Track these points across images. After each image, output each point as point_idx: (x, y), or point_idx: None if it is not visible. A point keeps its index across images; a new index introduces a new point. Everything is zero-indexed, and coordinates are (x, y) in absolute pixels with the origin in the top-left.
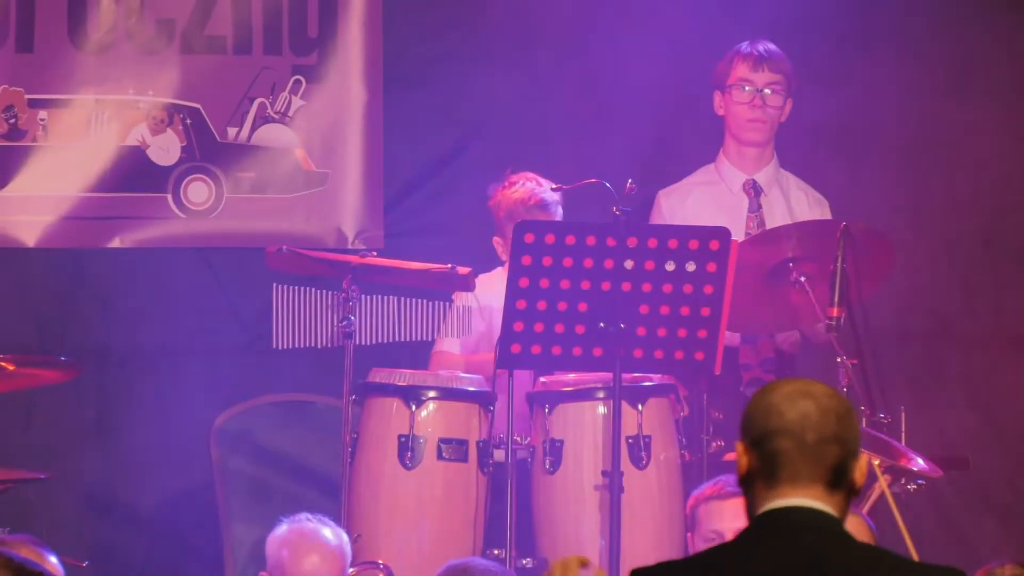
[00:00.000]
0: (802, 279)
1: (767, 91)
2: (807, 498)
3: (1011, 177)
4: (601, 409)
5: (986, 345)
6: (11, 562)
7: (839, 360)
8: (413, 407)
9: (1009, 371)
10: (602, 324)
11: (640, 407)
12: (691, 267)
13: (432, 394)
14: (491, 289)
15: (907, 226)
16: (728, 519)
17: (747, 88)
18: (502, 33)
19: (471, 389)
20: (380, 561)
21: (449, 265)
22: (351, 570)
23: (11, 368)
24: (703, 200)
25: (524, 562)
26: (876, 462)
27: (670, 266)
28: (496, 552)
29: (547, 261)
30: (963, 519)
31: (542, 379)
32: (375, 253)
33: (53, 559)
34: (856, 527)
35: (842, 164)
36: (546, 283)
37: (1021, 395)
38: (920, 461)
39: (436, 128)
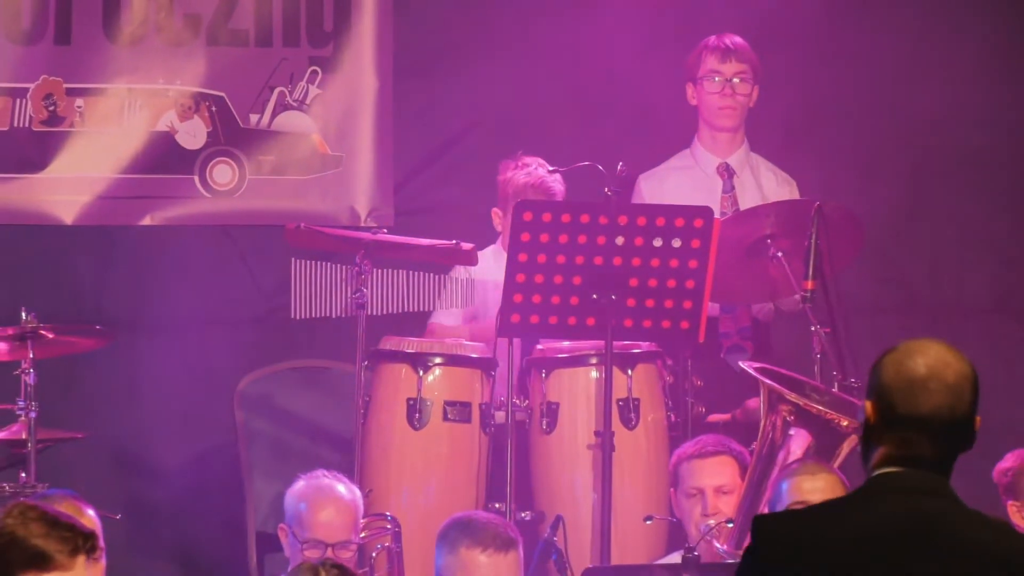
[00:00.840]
0: (779, 254)
1: (735, 80)
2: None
3: (971, 157)
4: (594, 374)
5: (948, 315)
6: (48, 515)
7: (813, 329)
8: (420, 372)
9: (968, 339)
10: (595, 296)
11: (630, 372)
12: (677, 243)
13: (438, 360)
14: (483, 264)
15: (875, 204)
16: (707, 476)
17: (717, 78)
18: (503, 28)
19: (474, 356)
20: (388, 514)
21: (454, 241)
22: (362, 522)
23: (51, 336)
24: (680, 183)
25: (523, 515)
26: (845, 423)
27: (657, 242)
28: (497, 506)
29: (544, 238)
30: None
31: (539, 346)
32: (385, 230)
33: (90, 512)
34: (831, 483)
35: (810, 145)
36: (543, 258)
37: (980, 362)
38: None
39: (442, 115)
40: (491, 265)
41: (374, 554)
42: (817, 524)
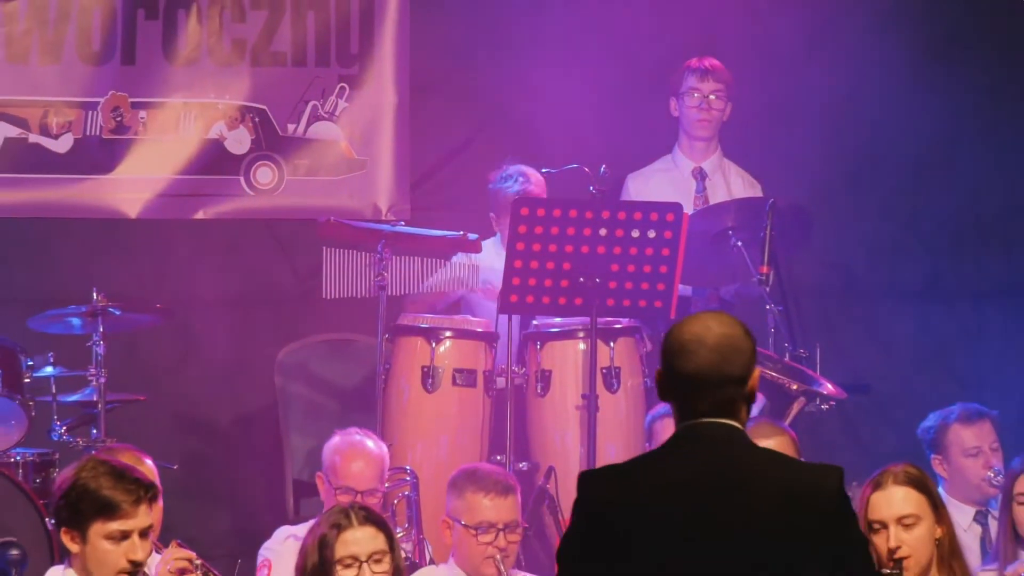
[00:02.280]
0: (738, 244)
1: (712, 96)
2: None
3: (906, 161)
4: (581, 346)
5: (883, 297)
6: (115, 469)
7: (768, 307)
8: (433, 344)
9: (902, 317)
10: (582, 279)
11: (612, 344)
12: (652, 234)
13: (448, 333)
14: (485, 253)
15: (822, 201)
16: None
17: (696, 95)
18: (503, 50)
19: (479, 330)
20: (407, 466)
21: (461, 232)
22: (387, 473)
23: (117, 313)
24: (661, 183)
25: (520, 466)
26: (795, 386)
27: (635, 233)
28: (498, 458)
29: (539, 230)
30: (866, 432)
31: (535, 322)
32: (403, 223)
33: (149, 462)
34: (782, 443)
35: (773, 151)
36: (538, 247)
37: (910, 335)
38: (830, 386)
39: (451, 125)
40: (491, 254)
41: (395, 501)
42: (631, 476)
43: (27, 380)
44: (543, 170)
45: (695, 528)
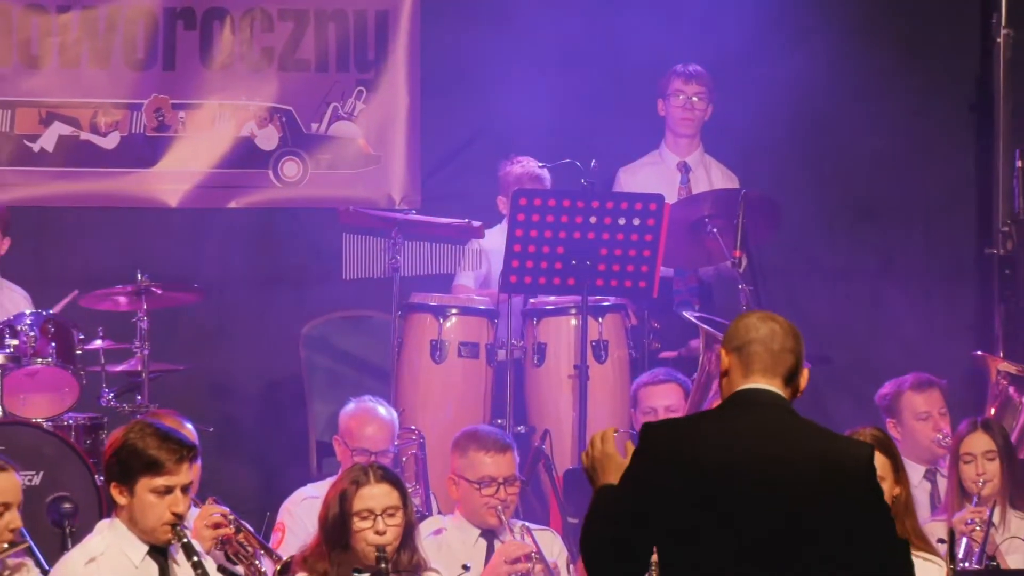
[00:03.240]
0: (714, 230)
1: (695, 99)
2: (770, 385)
3: (866, 157)
4: (573, 321)
5: (843, 277)
6: (160, 431)
7: (740, 287)
8: (441, 320)
9: (859, 295)
10: (574, 262)
11: (600, 320)
12: (636, 222)
13: (454, 311)
14: (491, 238)
15: (789, 192)
16: (659, 398)
17: (681, 97)
18: (504, 56)
19: (482, 308)
20: (415, 427)
21: (467, 220)
22: (397, 435)
23: (159, 292)
24: (649, 176)
25: (519, 428)
26: None
27: (622, 221)
28: (499, 422)
29: (536, 217)
30: (827, 398)
31: (532, 300)
32: (414, 211)
33: (188, 425)
34: None
35: (752, 148)
36: (535, 233)
37: (865, 312)
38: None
39: (456, 124)
40: (497, 239)
41: (404, 459)
42: (692, 431)
43: (79, 352)
44: (540, 164)
45: (750, 479)
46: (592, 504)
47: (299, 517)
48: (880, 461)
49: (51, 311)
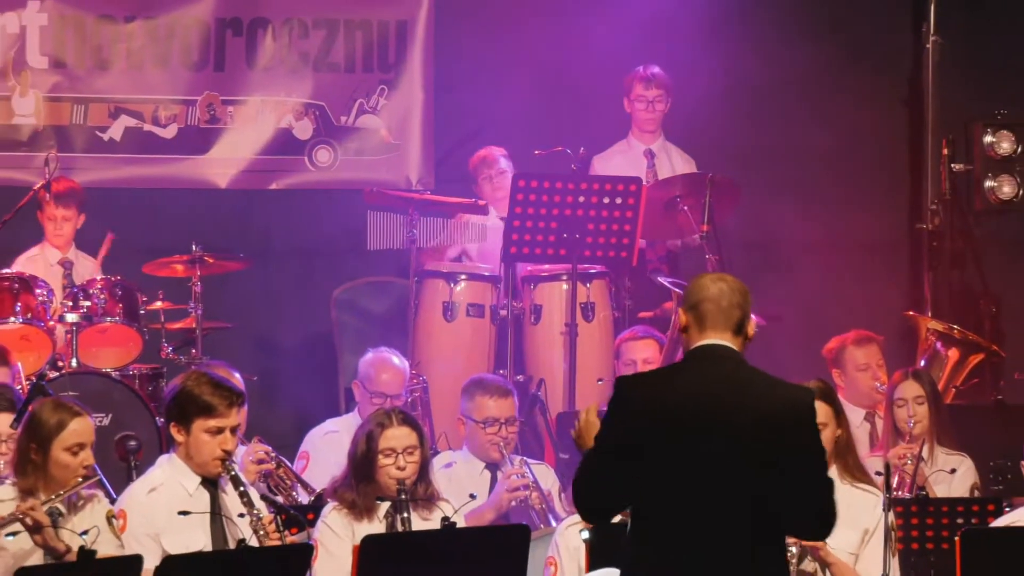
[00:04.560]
0: (685, 208)
1: (655, 101)
2: (721, 339)
3: (824, 130)
4: (564, 286)
5: (796, 250)
6: (213, 379)
7: (708, 257)
8: (452, 284)
9: (808, 263)
10: (565, 235)
11: (588, 285)
12: (618, 201)
13: (463, 276)
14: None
15: (751, 170)
16: (638, 352)
17: (643, 101)
18: (505, 59)
19: (487, 274)
20: (421, 375)
21: (473, 199)
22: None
23: (211, 261)
24: (620, 162)
25: (518, 377)
26: None
27: (605, 200)
28: (501, 372)
29: (532, 197)
30: (779, 352)
31: (529, 268)
32: (429, 192)
33: (236, 375)
34: None
35: (709, 133)
36: (532, 211)
37: (814, 278)
38: (753, 317)
39: (465, 117)
40: (494, 216)
41: (409, 399)
42: (657, 382)
43: (142, 312)
44: (535, 151)
45: (708, 422)
46: (581, 463)
47: (321, 448)
48: (822, 409)
49: (118, 277)
